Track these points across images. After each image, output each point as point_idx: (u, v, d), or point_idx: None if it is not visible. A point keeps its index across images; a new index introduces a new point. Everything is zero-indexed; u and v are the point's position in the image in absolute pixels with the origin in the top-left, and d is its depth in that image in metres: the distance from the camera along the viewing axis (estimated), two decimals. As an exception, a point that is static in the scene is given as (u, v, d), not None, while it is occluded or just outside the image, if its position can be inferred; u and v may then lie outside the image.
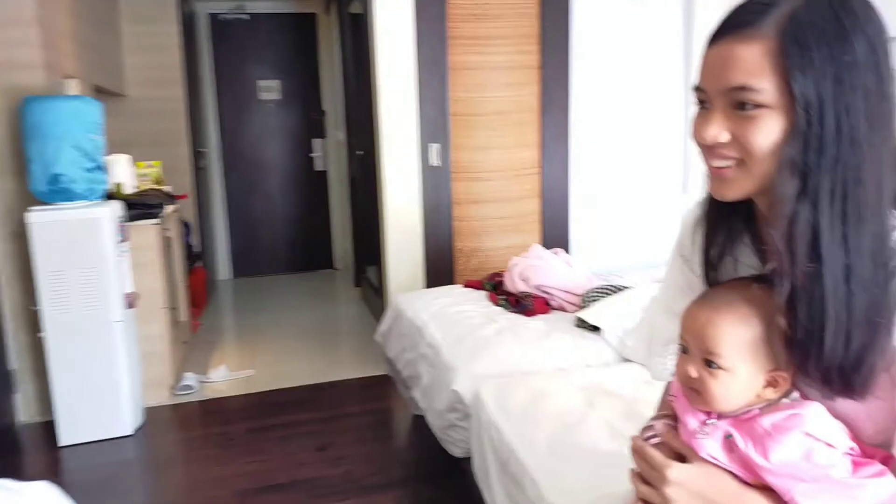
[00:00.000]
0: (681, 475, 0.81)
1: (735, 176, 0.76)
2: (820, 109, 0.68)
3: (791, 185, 0.71)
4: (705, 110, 0.77)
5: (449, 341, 2.16)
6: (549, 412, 1.61)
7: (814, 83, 0.68)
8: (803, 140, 0.70)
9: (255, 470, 2.44)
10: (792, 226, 0.71)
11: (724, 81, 0.72)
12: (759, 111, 0.71)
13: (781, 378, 0.79)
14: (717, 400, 0.80)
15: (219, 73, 5.32)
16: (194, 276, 4.22)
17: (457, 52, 3.24)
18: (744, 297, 0.80)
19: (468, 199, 3.41)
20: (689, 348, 0.83)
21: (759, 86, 0.70)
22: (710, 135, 0.75)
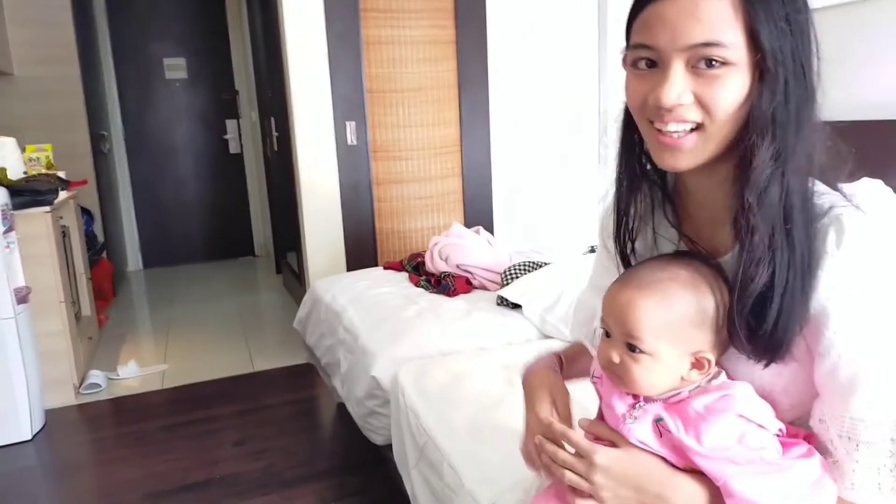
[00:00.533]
0: (608, 460, 0.77)
1: (692, 144, 0.71)
2: (785, 66, 0.66)
3: (771, 149, 0.67)
4: (653, 70, 0.71)
5: (367, 325, 2.09)
6: (469, 393, 1.57)
7: (779, 36, 0.65)
8: (773, 97, 0.67)
9: (168, 470, 2.31)
10: (765, 193, 0.68)
11: (687, 38, 0.66)
12: (724, 69, 0.67)
13: (707, 360, 0.76)
14: (640, 385, 0.77)
15: (118, 50, 4.98)
16: (99, 268, 3.96)
17: (370, 26, 3.12)
18: (665, 276, 0.76)
19: (389, 179, 3.33)
20: (611, 331, 0.79)
21: (728, 41, 0.66)
22: (673, 95, 0.68)
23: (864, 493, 0.72)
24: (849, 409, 0.70)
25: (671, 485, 0.75)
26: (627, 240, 0.87)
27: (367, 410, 1.89)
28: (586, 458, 0.78)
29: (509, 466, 1.25)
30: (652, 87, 0.71)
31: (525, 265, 2.33)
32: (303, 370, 3.07)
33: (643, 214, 0.86)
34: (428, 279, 2.48)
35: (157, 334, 3.74)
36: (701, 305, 0.75)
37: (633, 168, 0.83)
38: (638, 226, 0.86)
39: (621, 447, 0.78)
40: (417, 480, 1.46)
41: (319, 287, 2.58)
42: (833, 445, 0.73)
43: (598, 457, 0.77)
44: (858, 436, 0.70)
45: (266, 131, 4.41)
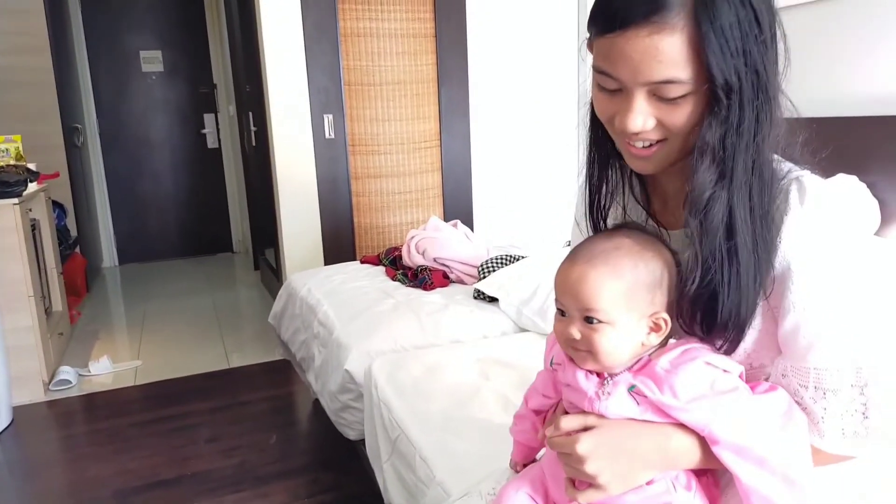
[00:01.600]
0: (590, 444, 0.76)
1: (656, 154, 0.76)
2: (739, 94, 0.69)
3: (711, 171, 0.71)
4: (618, 94, 0.74)
5: (342, 319, 2.06)
6: (443, 386, 1.55)
7: (733, 68, 0.68)
8: (724, 125, 0.70)
9: (139, 467, 2.26)
10: (708, 211, 0.72)
11: (647, 76, 0.70)
12: (683, 98, 0.71)
13: (663, 320, 0.78)
14: (606, 354, 0.77)
15: (93, 41, 4.89)
16: (71, 263, 3.88)
17: (348, 18, 3.09)
18: (611, 246, 0.79)
19: (367, 174, 3.30)
20: (567, 309, 0.79)
21: (684, 77, 0.69)
22: (638, 124, 0.73)
23: (830, 440, 0.75)
24: (813, 360, 0.74)
25: (663, 433, 0.76)
26: (599, 217, 0.90)
27: (340, 405, 1.87)
28: (571, 454, 0.76)
29: (481, 459, 1.23)
30: (618, 109, 0.75)
31: (502, 258, 2.31)
32: (279, 366, 3.03)
33: (613, 191, 0.88)
34: (405, 273, 2.46)
35: (130, 330, 3.67)
36: (649, 269, 0.77)
37: (603, 147, 0.86)
38: (609, 203, 0.89)
39: (596, 427, 0.77)
40: (390, 474, 1.44)
41: (295, 281, 2.55)
42: (798, 397, 0.76)
43: (579, 447, 0.75)
44: (824, 384, 0.74)
45: (244, 126, 4.35)
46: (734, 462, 0.72)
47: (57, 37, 4.13)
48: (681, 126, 0.72)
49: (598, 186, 0.88)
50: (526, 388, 1.50)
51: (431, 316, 2.05)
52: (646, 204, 0.88)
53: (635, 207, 0.90)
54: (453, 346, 1.86)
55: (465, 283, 2.39)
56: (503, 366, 1.64)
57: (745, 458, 0.72)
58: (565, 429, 0.78)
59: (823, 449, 0.76)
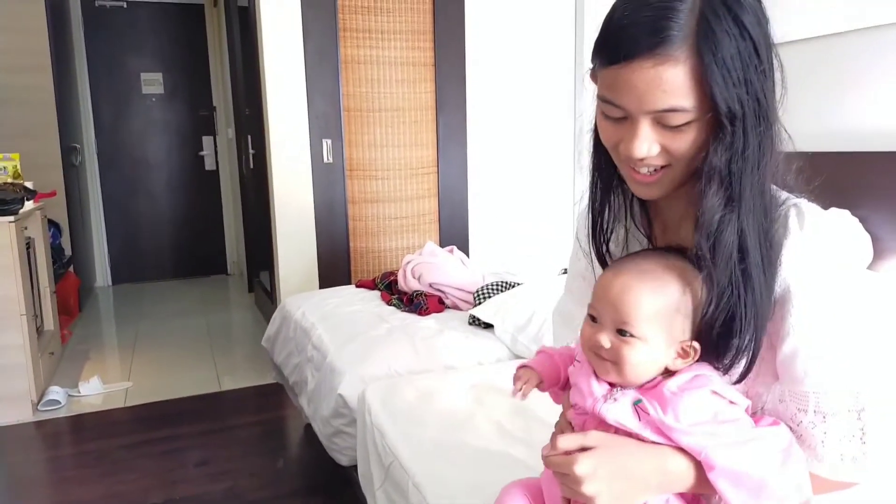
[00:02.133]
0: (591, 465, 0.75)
1: (660, 180, 0.77)
2: (743, 120, 0.70)
3: (719, 195, 0.73)
4: (623, 122, 0.76)
5: (337, 343, 2.05)
6: (437, 412, 1.54)
7: (735, 96, 0.69)
8: (729, 151, 0.71)
9: (127, 490, 2.23)
10: (719, 235, 0.73)
11: (652, 105, 0.71)
12: (687, 125, 0.72)
13: (693, 349, 0.78)
14: (631, 369, 0.77)
15: (94, 62, 4.93)
16: (64, 283, 3.87)
17: (349, 45, 3.13)
18: (661, 265, 0.79)
19: (364, 199, 3.31)
20: (601, 317, 0.80)
21: (688, 105, 0.71)
22: (643, 151, 0.74)
23: (830, 465, 0.75)
24: (812, 384, 0.75)
25: (661, 455, 0.76)
26: (602, 241, 0.90)
27: (332, 430, 1.85)
28: (569, 474, 0.76)
29: (474, 486, 1.22)
30: (622, 136, 0.76)
31: (497, 285, 2.32)
32: (271, 390, 3.01)
33: (616, 216, 0.90)
34: (400, 298, 2.46)
35: (122, 351, 3.65)
36: (694, 296, 0.78)
37: (606, 172, 0.87)
38: (612, 226, 0.90)
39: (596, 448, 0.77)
40: (382, 501, 1.42)
41: (290, 304, 2.54)
42: (796, 422, 0.76)
43: (577, 467, 0.75)
44: (823, 408, 0.75)
45: (242, 149, 4.38)
46: (728, 490, 0.72)
47: (59, 56, 4.16)
48: (684, 152, 0.74)
49: (601, 211, 0.89)
50: (520, 416, 1.50)
51: (426, 341, 2.04)
52: (647, 229, 0.89)
53: (635, 233, 0.91)
54: (448, 372, 1.86)
55: (461, 309, 2.39)
56: (497, 392, 1.64)
57: (740, 486, 0.72)
58: (563, 448, 0.78)
59: (822, 475, 0.76)
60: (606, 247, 0.91)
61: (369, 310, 2.37)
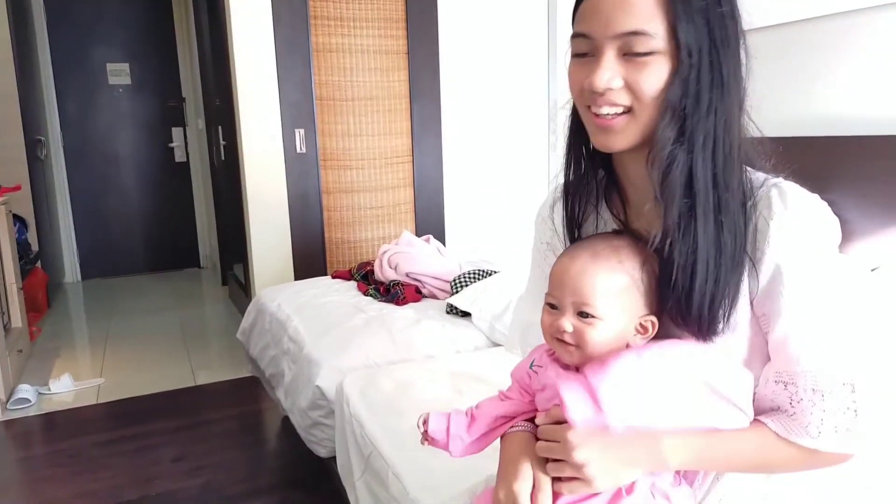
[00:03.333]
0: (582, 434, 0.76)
1: (623, 125, 0.77)
2: (699, 57, 0.73)
3: (671, 129, 0.74)
4: (589, 58, 0.77)
5: (313, 335, 2.03)
6: (416, 402, 1.53)
7: (694, 31, 0.72)
8: (683, 86, 0.73)
9: (100, 488, 2.19)
10: (669, 167, 0.74)
11: (617, 26, 0.73)
12: (650, 57, 0.73)
13: (651, 323, 0.81)
14: (595, 348, 0.79)
15: (58, 53, 4.79)
16: (32, 278, 3.78)
17: (320, 34, 3.09)
18: (611, 246, 0.81)
19: (338, 189, 3.28)
20: (560, 303, 0.81)
21: (652, 31, 0.72)
22: (604, 80, 0.75)
23: (825, 438, 0.77)
24: (808, 364, 0.76)
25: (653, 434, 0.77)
26: (575, 225, 0.91)
27: (310, 422, 1.84)
28: (562, 441, 0.76)
29: (455, 475, 1.22)
30: (587, 73, 0.77)
31: (475, 273, 2.32)
32: (247, 383, 2.97)
33: (589, 197, 0.90)
34: (377, 288, 2.45)
35: (93, 348, 3.58)
36: (648, 272, 0.80)
37: (580, 153, 0.88)
38: (586, 209, 0.91)
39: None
40: (363, 491, 1.42)
41: (265, 296, 2.51)
42: (793, 402, 0.77)
43: (571, 434, 0.76)
44: (820, 386, 0.76)
45: (213, 140, 4.31)
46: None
47: (21, 48, 4.04)
48: (644, 88, 0.74)
49: (575, 193, 0.90)
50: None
51: (404, 331, 2.04)
52: (622, 215, 0.89)
53: (609, 220, 0.91)
54: (426, 362, 1.85)
55: (438, 298, 2.39)
56: (476, 380, 1.64)
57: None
58: (556, 416, 0.79)
59: (820, 448, 0.77)
60: (579, 231, 0.91)
61: (346, 300, 2.35)
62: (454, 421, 0.92)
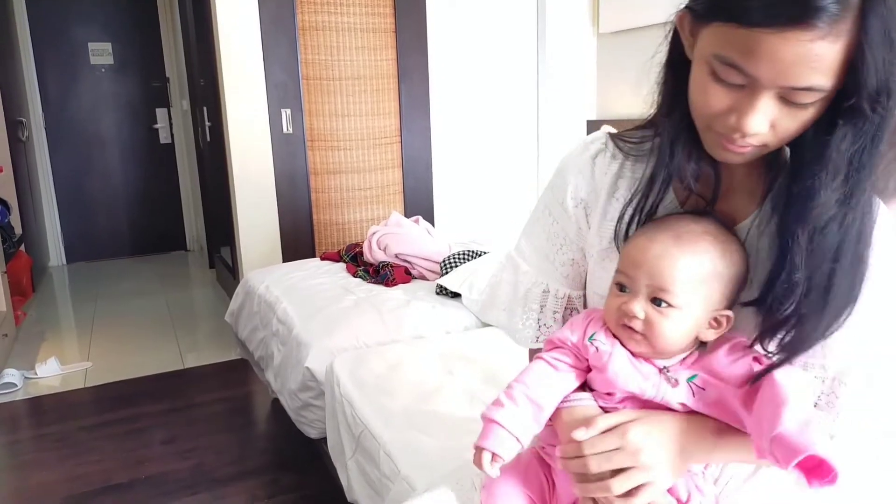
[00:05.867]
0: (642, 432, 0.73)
1: (751, 153, 0.68)
2: (885, 106, 0.61)
3: (837, 189, 0.64)
4: (737, 88, 0.65)
5: (302, 316, 2.02)
6: (406, 382, 1.53)
7: (885, 76, 0.59)
8: (857, 139, 0.63)
9: (89, 471, 2.18)
10: (825, 229, 0.66)
11: (793, 81, 0.61)
12: (811, 105, 0.63)
13: (726, 318, 0.74)
14: (665, 341, 0.73)
15: (38, 33, 4.69)
16: (15, 262, 3.73)
17: (306, 11, 3.04)
18: (699, 230, 0.73)
19: (326, 170, 3.25)
20: (633, 285, 0.74)
21: (827, 86, 0.61)
22: (756, 127, 0.64)
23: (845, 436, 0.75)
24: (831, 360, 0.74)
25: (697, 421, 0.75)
26: (662, 191, 0.78)
27: (300, 403, 1.83)
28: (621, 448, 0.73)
29: (446, 453, 1.22)
30: (734, 106, 0.65)
31: (464, 254, 2.31)
32: (236, 366, 2.96)
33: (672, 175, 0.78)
34: (366, 269, 2.43)
35: (80, 331, 3.55)
36: (732, 262, 0.73)
37: (677, 123, 0.75)
38: (667, 186, 0.79)
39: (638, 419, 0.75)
40: (354, 471, 1.42)
41: (253, 278, 2.49)
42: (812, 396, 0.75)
43: (631, 436, 0.73)
44: (843, 378, 0.74)
45: (198, 121, 4.25)
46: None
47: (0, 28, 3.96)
48: (791, 133, 0.65)
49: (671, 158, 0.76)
50: (490, 384, 1.49)
51: (393, 312, 2.03)
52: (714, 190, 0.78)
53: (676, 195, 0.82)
54: (416, 342, 1.85)
55: (428, 279, 2.38)
56: (466, 361, 1.64)
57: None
58: (603, 427, 0.74)
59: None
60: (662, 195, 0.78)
61: (335, 282, 2.34)
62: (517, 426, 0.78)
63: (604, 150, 0.86)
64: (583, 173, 0.87)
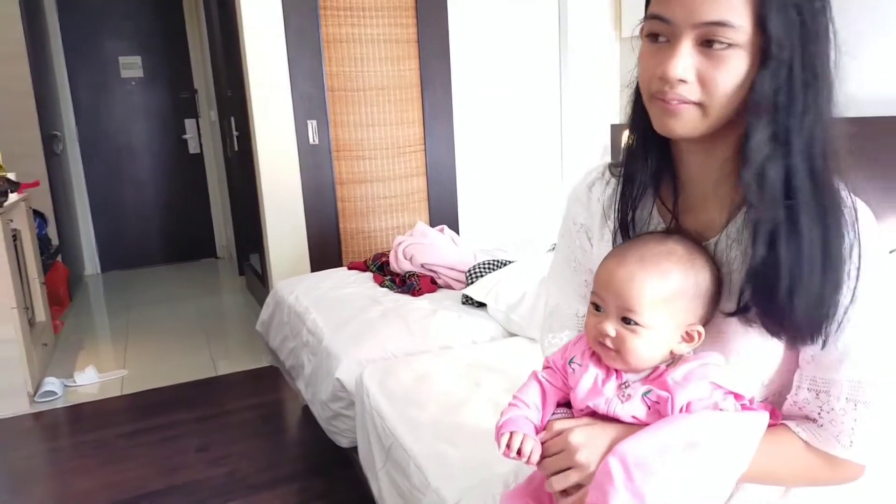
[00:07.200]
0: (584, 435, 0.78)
1: (690, 114, 0.73)
2: (790, 51, 0.68)
3: (765, 128, 0.70)
4: (663, 44, 0.73)
5: (331, 327, 2.06)
6: (434, 393, 1.56)
7: (786, 24, 0.68)
8: (774, 82, 0.69)
9: (127, 478, 2.25)
10: (765, 170, 0.71)
11: (701, 14, 0.69)
12: (729, 50, 0.69)
13: (697, 332, 0.79)
14: (635, 357, 0.77)
15: (70, 48, 4.83)
16: (53, 273, 3.84)
17: (330, 24, 3.09)
18: (663, 251, 0.78)
19: (352, 179, 3.30)
20: (605, 305, 0.79)
21: (737, 22, 0.68)
22: (679, 69, 0.71)
23: (860, 448, 0.76)
24: (846, 372, 0.75)
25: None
26: (630, 207, 0.86)
27: (331, 413, 1.87)
28: (564, 448, 0.78)
29: (475, 465, 1.25)
30: (661, 60, 0.73)
31: (489, 264, 2.33)
32: (267, 373, 3.02)
33: (646, 184, 0.86)
34: (392, 279, 2.47)
35: (115, 339, 3.65)
36: (697, 280, 0.77)
37: (642, 136, 0.84)
38: (641, 193, 0.86)
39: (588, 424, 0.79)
40: (385, 482, 1.45)
41: (282, 288, 2.55)
42: (824, 411, 0.77)
43: (572, 437, 0.78)
44: (858, 396, 0.75)
45: (226, 131, 4.33)
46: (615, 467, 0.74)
47: (34, 44, 4.08)
48: (719, 84, 0.70)
49: (632, 176, 0.86)
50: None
51: (420, 322, 2.06)
52: (672, 205, 0.86)
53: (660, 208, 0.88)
54: (443, 353, 1.88)
55: (453, 289, 2.41)
56: (493, 371, 1.66)
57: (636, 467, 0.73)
58: (558, 429, 0.81)
59: (852, 459, 0.77)
60: (632, 214, 0.87)
61: (362, 292, 2.38)
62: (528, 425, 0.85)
63: (600, 179, 0.94)
64: (580, 201, 0.97)
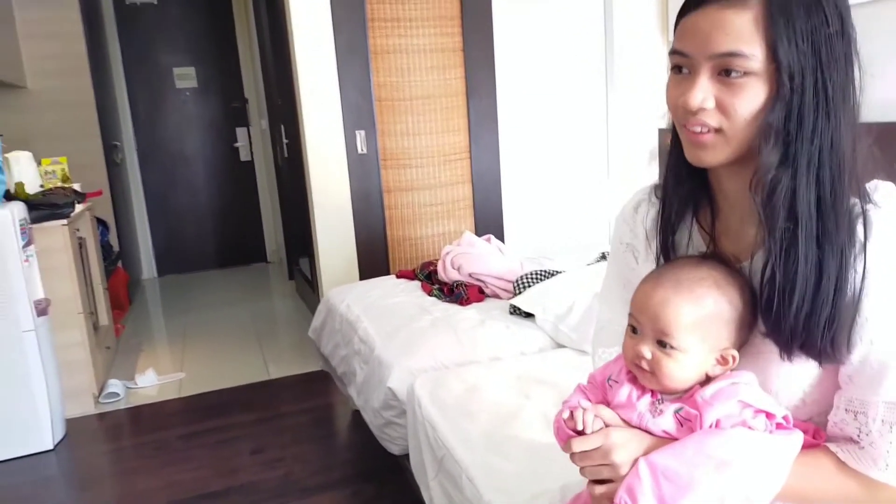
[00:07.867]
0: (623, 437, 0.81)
1: (713, 142, 0.77)
2: (802, 80, 0.72)
3: (774, 152, 0.73)
4: (684, 76, 0.78)
5: (382, 336, 2.11)
6: (484, 405, 1.59)
7: (797, 53, 0.71)
8: (786, 108, 0.73)
9: (187, 479, 2.34)
10: (773, 191, 0.74)
11: (714, 47, 0.73)
12: (745, 78, 0.73)
13: (731, 356, 0.80)
14: (670, 379, 0.80)
15: (129, 61, 5.04)
16: (115, 278, 4.01)
17: (378, 35, 3.15)
18: (698, 276, 0.81)
19: (399, 187, 3.36)
20: (641, 328, 0.82)
21: (749, 52, 0.72)
22: (698, 100, 0.75)
23: (894, 471, 0.76)
24: (882, 394, 0.75)
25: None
26: (669, 231, 0.91)
27: (383, 421, 1.92)
28: (602, 437, 0.81)
29: (527, 478, 1.27)
30: (682, 91, 0.77)
31: (537, 274, 2.35)
32: (318, 377, 3.10)
33: (684, 208, 0.90)
34: (441, 288, 2.51)
35: (172, 342, 3.78)
36: (731, 305, 0.79)
37: (677, 161, 0.88)
38: (679, 217, 0.90)
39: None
40: (437, 492, 1.49)
41: (334, 296, 2.61)
42: (863, 432, 0.77)
43: (613, 433, 0.81)
44: (894, 418, 0.75)
45: (276, 138, 4.45)
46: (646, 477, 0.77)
47: (95, 58, 4.27)
48: (738, 110, 0.74)
49: (671, 201, 0.90)
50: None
51: (469, 332, 2.09)
52: (710, 229, 0.89)
53: (700, 232, 0.91)
54: (492, 364, 1.91)
55: (501, 298, 2.43)
56: (542, 384, 1.68)
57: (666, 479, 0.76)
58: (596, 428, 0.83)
59: (889, 482, 0.77)
60: (672, 239, 0.91)
61: (411, 301, 2.42)
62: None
63: (646, 200, 0.99)
64: (626, 222, 1.02)
